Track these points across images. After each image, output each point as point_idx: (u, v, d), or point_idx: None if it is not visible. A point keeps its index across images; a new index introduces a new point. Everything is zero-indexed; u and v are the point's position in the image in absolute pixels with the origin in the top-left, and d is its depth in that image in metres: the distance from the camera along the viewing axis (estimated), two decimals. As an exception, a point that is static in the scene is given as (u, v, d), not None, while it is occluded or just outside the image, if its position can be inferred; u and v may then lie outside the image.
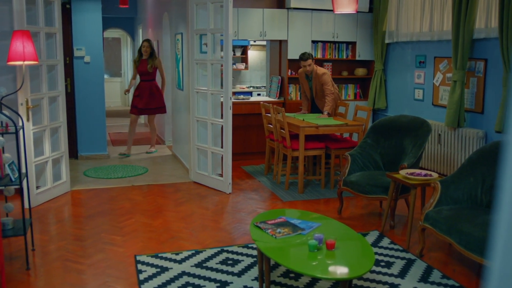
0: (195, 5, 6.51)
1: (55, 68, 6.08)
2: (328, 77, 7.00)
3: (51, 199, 6.03)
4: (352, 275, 3.12)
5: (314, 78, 7.08)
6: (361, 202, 6.05)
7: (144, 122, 12.83)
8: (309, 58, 6.94)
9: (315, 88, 7.14)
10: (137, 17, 13.05)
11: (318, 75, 7.02)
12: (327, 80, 6.96)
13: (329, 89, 6.93)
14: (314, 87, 7.13)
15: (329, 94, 6.92)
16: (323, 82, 6.97)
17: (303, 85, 7.33)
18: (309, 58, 6.94)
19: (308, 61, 6.93)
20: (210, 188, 6.58)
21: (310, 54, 6.99)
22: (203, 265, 4.17)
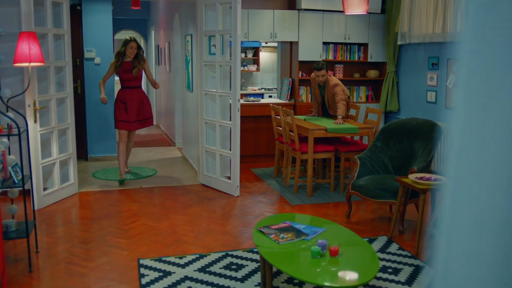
0: (204, 6, 6.47)
1: (64, 70, 6.07)
2: (339, 88, 6.76)
3: (59, 201, 6.02)
4: (355, 283, 3.04)
5: (327, 90, 6.89)
6: (370, 207, 5.95)
7: (156, 123, 12.84)
8: (322, 69, 6.71)
9: (327, 98, 6.97)
10: (149, 18, 13.07)
11: (330, 86, 6.82)
12: (339, 91, 6.74)
13: (341, 97, 6.77)
14: (326, 97, 6.97)
15: (340, 101, 6.78)
16: (335, 92, 6.78)
17: (314, 89, 7.21)
18: (322, 68, 6.71)
19: (321, 71, 6.71)
20: (218, 190, 6.53)
21: (324, 63, 6.76)
22: (206, 269, 4.11)
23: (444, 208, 0.94)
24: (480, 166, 0.89)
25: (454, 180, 0.92)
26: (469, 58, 0.90)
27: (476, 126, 0.89)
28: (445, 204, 0.93)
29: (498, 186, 0.88)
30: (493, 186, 0.88)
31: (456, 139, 0.91)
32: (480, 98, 0.88)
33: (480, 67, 0.89)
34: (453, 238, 0.92)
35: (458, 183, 0.91)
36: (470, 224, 0.91)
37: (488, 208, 0.89)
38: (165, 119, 11.23)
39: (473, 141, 0.89)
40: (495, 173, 0.88)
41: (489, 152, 0.88)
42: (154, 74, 12.84)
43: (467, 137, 0.90)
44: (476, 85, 0.89)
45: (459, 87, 0.91)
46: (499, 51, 0.86)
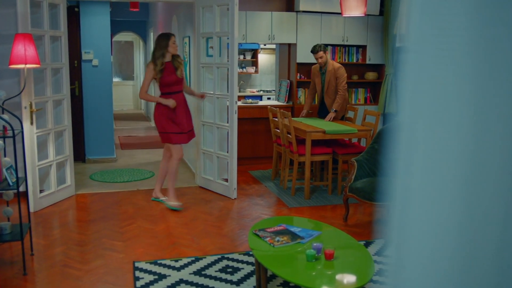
0: (201, 8, 6.45)
1: (60, 72, 6.05)
2: (343, 71, 6.89)
3: (55, 203, 6.00)
4: (351, 286, 3.02)
5: (329, 72, 6.93)
6: (368, 209, 5.93)
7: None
8: (319, 51, 6.79)
9: (327, 82, 6.99)
10: (148, 20, 13.06)
11: (334, 69, 6.89)
12: (343, 74, 6.85)
13: (343, 85, 6.83)
14: (327, 81, 6.99)
15: (342, 90, 6.83)
16: (338, 76, 6.84)
17: (313, 80, 7.20)
18: (319, 50, 6.79)
19: (319, 54, 6.79)
20: (215, 193, 6.51)
21: (321, 46, 6.83)
22: (202, 272, 4.08)
23: (394, 212, 0.94)
24: (431, 167, 0.89)
25: (404, 183, 0.91)
26: (414, 60, 0.91)
27: (425, 125, 0.89)
28: (395, 208, 0.93)
29: (450, 187, 0.88)
30: (447, 187, 0.88)
31: (404, 140, 0.91)
32: (430, 99, 0.89)
33: (425, 68, 0.89)
34: (405, 243, 0.93)
35: (408, 186, 0.91)
36: (422, 229, 0.91)
37: (441, 211, 0.89)
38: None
39: (422, 142, 0.89)
40: (445, 173, 0.88)
41: (439, 153, 0.88)
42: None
43: (416, 138, 0.89)
44: (424, 85, 0.89)
45: (405, 88, 0.91)
46: (447, 49, 0.87)
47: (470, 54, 0.84)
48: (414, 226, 0.91)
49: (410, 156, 0.90)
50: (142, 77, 15.54)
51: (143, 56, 15.09)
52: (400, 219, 0.91)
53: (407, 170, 0.90)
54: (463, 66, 0.85)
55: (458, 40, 0.85)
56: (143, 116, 15.01)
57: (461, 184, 0.87)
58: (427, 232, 0.90)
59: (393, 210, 0.93)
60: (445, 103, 0.86)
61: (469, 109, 0.85)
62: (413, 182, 0.90)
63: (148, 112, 14.37)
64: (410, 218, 0.91)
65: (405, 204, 0.91)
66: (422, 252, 0.90)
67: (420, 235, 0.90)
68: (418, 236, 0.91)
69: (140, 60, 15.92)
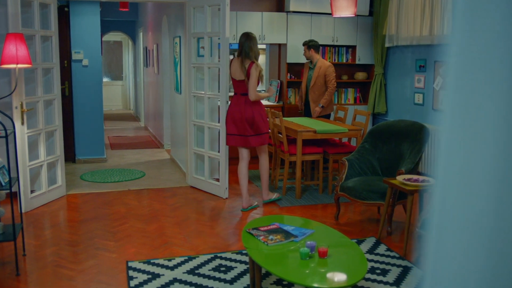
0: (192, 8, 6.46)
1: (51, 71, 6.04)
2: (333, 70, 7.12)
3: (46, 203, 5.98)
4: (344, 284, 3.05)
5: (317, 68, 7.14)
6: (358, 208, 5.98)
7: (144, 125, 12.80)
8: (304, 45, 7.18)
9: (314, 78, 7.17)
10: (138, 20, 13.03)
11: (324, 66, 7.12)
12: (332, 72, 7.08)
13: (333, 82, 7.07)
14: (314, 77, 7.16)
15: (331, 87, 7.08)
16: (328, 73, 7.08)
17: (305, 73, 7.39)
18: (304, 45, 7.19)
19: (304, 48, 7.19)
20: (206, 193, 6.52)
21: (308, 42, 7.17)
22: (195, 271, 4.10)
23: (433, 210, 0.94)
24: (469, 168, 0.89)
25: (443, 182, 0.92)
26: (457, 60, 0.90)
27: (464, 127, 0.89)
28: (434, 206, 0.94)
29: (487, 187, 0.88)
30: (482, 188, 0.88)
31: (445, 141, 0.91)
32: (468, 100, 0.89)
33: (467, 68, 0.89)
34: (442, 239, 0.93)
35: (446, 184, 0.91)
36: (459, 226, 0.91)
37: (477, 209, 0.89)
38: (153, 121, 11.20)
39: (461, 142, 0.89)
40: (483, 174, 0.88)
41: (477, 154, 0.88)
42: (142, 76, 12.80)
43: (456, 139, 0.90)
44: (463, 87, 0.90)
45: (447, 89, 0.92)
46: (486, 52, 0.87)
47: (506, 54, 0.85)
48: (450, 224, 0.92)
49: (449, 158, 0.90)
50: (131, 77, 15.53)
51: (132, 56, 15.04)
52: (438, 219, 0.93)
53: (446, 172, 0.91)
54: (498, 65, 0.85)
55: (494, 41, 0.85)
56: (132, 116, 14.97)
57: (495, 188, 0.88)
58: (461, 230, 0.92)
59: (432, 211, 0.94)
60: (487, 104, 0.87)
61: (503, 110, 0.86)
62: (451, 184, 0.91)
63: (138, 112, 14.34)
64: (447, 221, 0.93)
65: (443, 207, 0.92)
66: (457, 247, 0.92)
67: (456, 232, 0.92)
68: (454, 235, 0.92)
69: (129, 60, 15.87)
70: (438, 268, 0.94)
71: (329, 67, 7.08)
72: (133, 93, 15.38)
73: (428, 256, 0.95)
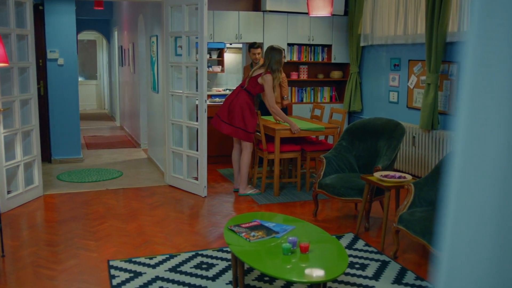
0: (170, 8, 6.47)
1: (27, 71, 5.98)
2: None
3: (23, 204, 5.92)
4: (326, 278, 3.12)
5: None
6: (336, 205, 6.07)
7: (120, 125, 12.72)
8: (259, 47, 7.22)
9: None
10: (112, 19, 12.93)
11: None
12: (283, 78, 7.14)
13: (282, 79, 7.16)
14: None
15: (285, 80, 7.28)
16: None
17: (244, 75, 7.41)
18: (259, 47, 7.23)
19: (258, 50, 7.17)
20: (185, 191, 6.54)
21: (260, 44, 7.38)
22: (177, 269, 4.12)
23: (448, 209, 0.95)
24: (485, 167, 0.89)
25: (459, 181, 0.92)
26: (474, 58, 0.90)
27: (480, 126, 0.89)
28: (449, 205, 0.94)
29: (503, 187, 0.89)
30: (499, 187, 0.89)
31: (460, 141, 0.91)
32: (484, 99, 0.89)
33: (484, 67, 0.89)
34: (457, 239, 0.94)
35: (463, 184, 0.92)
36: (473, 226, 0.92)
37: (492, 209, 0.90)
38: (129, 120, 11.14)
39: (477, 142, 0.90)
40: (499, 174, 0.88)
41: (494, 153, 0.89)
42: (117, 75, 12.71)
43: (471, 139, 0.90)
44: (480, 85, 0.89)
45: (463, 88, 0.90)
46: (503, 50, 0.87)
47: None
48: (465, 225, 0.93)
49: (466, 158, 0.90)
50: (106, 76, 15.40)
51: (107, 55, 14.92)
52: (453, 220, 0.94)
53: (463, 171, 0.91)
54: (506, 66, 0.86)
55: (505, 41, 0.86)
56: (107, 116, 14.85)
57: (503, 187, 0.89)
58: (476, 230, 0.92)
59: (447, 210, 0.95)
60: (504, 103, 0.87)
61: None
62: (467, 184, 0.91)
63: (113, 112, 14.24)
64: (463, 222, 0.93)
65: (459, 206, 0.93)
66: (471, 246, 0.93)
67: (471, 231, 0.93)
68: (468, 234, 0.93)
69: (103, 59, 15.73)
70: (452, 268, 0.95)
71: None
72: (108, 93, 15.26)
73: (443, 252, 0.96)
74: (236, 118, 6.10)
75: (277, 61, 6.08)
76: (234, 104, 6.13)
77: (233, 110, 6.12)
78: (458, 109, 0.92)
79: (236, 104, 6.13)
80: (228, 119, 6.15)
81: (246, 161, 6.28)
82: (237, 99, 6.16)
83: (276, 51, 6.11)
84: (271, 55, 6.09)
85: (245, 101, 6.14)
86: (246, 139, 6.19)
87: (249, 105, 6.17)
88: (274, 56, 6.08)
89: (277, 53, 6.09)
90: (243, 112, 6.10)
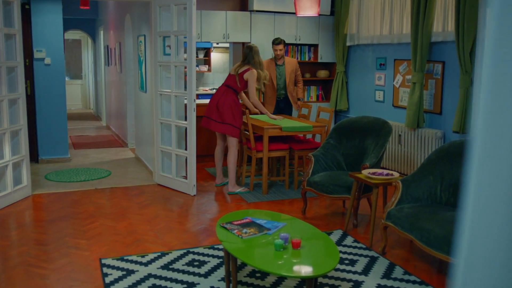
0: (158, 7, 6.49)
1: (15, 70, 5.97)
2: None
3: (12, 204, 5.91)
4: (317, 273, 3.18)
5: (288, 65, 7.48)
6: (324, 202, 6.15)
7: (106, 124, 12.68)
8: (281, 43, 7.33)
9: (288, 75, 7.48)
10: (98, 18, 12.88)
11: (293, 62, 7.53)
12: (298, 66, 7.60)
13: (301, 78, 7.62)
14: (288, 74, 7.47)
15: (301, 81, 7.59)
16: (298, 67, 7.54)
17: (271, 74, 7.46)
18: (281, 42, 7.33)
19: (280, 46, 7.32)
20: (174, 190, 6.57)
21: (283, 40, 7.42)
22: (169, 267, 4.16)
23: (466, 213, 0.96)
24: (501, 172, 0.90)
25: (477, 185, 0.93)
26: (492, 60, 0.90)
27: (497, 131, 0.90)
28: (467, 209, 0.95)
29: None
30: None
31: (477, 147, 0.91)
32: (502, 104, 0.90)
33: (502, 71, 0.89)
34: (473, 243, 0.95)
35: (480, 188, 0.93)
36: (490, 229, 0.93)
37: (509, 213, 0.91)
38: (116, 120, 11.12)
39: (494, 146, 0.90)
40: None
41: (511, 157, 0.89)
42: (103, 75, 12.67)
43: (488, 143, 0.91)
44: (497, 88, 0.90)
45: (481, 91, 0.91)
46: None
47: None
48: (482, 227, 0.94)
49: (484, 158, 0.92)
50: (91, 76, 15.33)
51: (92, 54, 14.86)
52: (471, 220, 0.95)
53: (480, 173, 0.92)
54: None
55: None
56: (93, 116, 14.80)
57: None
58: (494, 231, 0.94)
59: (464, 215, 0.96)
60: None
61: None
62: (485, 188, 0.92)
63: (98, 111, 14.19)
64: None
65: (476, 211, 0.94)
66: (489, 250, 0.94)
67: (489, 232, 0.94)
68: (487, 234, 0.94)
69: (89, 59, 15.66)
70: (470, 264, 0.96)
71: (297, 62, 7.57)
72: (94, 92, 15.19)
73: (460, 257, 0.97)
74: (226, 116, 6.29)
75: (258, 58, 6.41)
76: (223, 102, 6.32)
77: (223, 108, 6.30)
78: (475, 114, 0.92)
79: (225, 102, 6.31)
80: (219, 118, 6.34)
81: (233, 158, 6.43)
82: (225, 97, 6.35)
83: (254, 50, 6.42)
84: (251, 53, 6.40)
85: (232, 99, 6.37)
86: (235, 135, 6.36)
87: (236, 102, 6.42)
88: (253, 55, 6.39)
89: (256, 52, 6.41)
90: (232, 110, 6.31)
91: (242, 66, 6.44)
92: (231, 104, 6.32)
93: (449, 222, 3.89)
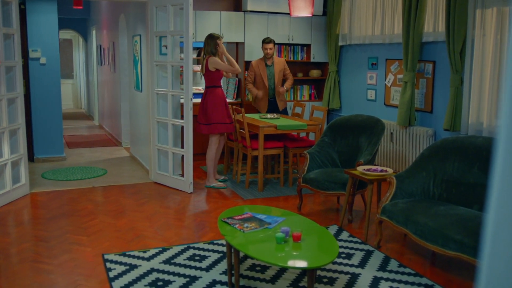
0: (154, 8, 6.58)
1: (13, 70, 6.03)
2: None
3: (10, 202, 5.97)
4: (317, 264, 3.31)
5: (277, 64, 7.68)
6: (319, 199, 6.28)
7: (99, 124, 12.73)
8: (271, 42, 7.52)
9: (277, 74, 7.67)
10: (90, 18, 12.92)
11: (282, 61, 7.75)
12: (286, 64, 7.87)
13: (289, 72, 7.88)
14: (277, 73, 7.66)
15: (291, 77, 7.83)
16: (286, 66, 7.79)
17: (259, 74, 7.64)
18: (272, 41, 7.52)
19: (270, 44, 7.51)
20: (171, 188, 6.67)
21: (273, 39, 7.65)
22: (171, 261, 4.27)
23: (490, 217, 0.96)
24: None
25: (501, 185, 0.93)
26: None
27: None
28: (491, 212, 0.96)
29: None
30: None
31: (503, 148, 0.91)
32: None
33: None
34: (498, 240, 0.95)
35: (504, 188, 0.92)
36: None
37: None
38: (109, 119, 11.17)
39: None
40: None
41: None
42: (95, 75, 12.70)
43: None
44: None
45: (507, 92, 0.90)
46: None
47: None
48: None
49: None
50: (83, 76, 15.34)
51: (84, 54, 14.87)
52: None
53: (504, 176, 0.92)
54: None
55: None
56: (85, 115, 14.82)
57: None
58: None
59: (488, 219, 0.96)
60: None
61: None
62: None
63: (90, 111, 14.21)
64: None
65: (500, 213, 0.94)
66: None
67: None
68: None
69: (80, 58, 15.67)
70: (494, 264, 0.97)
71: (285, 61, 7.81)
72: (85, 92, 15.21)
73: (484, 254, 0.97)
74: (210, 115, 6.49)
75: (213, 45, 6.50)
76: (207, 102, 6.53)
77: (206, 108, 6.52)
78: (502, 114, 0.91)
79: (208, 102, 6.52)
80: (205, 120, 6.54)
81: (211, 155, 6.71)
82: (206, 98, 6.55)
83: (211, 37, 6.54)
84: (207, 41, 6.52)
85: (214, 96, 6.52)
86: (226, 130, 6.62)
87: (220, 98, 6.57)
88: (210, 43, 6.50)
89: (212, 39, 6.51)
90: (215, 106, 6.49)
91: (203, 62, 6.59)
92: (214, 101, 6.49)
93: (442, 216, 4.04)
